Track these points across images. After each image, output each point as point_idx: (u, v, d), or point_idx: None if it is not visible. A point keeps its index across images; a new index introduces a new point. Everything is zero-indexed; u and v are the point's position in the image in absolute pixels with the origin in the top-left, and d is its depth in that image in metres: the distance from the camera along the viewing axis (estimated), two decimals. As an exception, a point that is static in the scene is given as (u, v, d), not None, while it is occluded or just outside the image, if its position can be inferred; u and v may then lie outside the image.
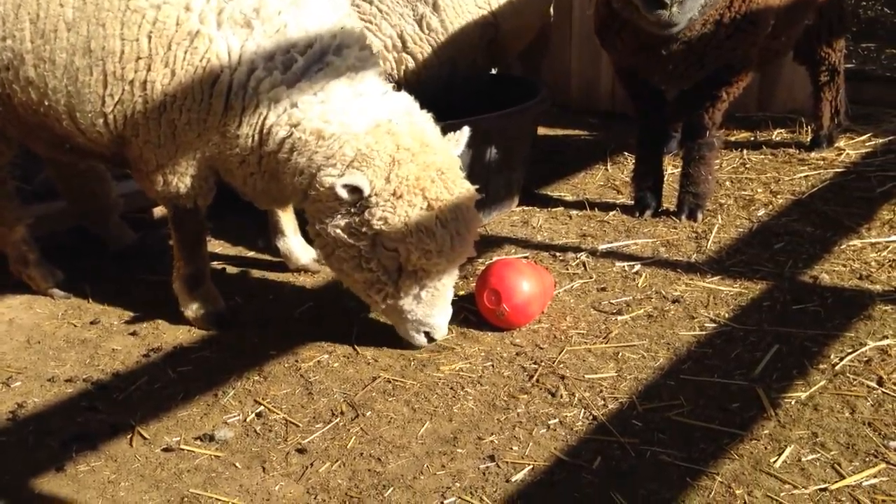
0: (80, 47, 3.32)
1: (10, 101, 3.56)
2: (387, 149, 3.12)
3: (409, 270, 3.23)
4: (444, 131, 3.40)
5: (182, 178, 3.47)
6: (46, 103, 3.44)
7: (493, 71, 5.96)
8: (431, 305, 3.33)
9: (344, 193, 3.09)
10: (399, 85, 4.45)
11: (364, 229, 3.17)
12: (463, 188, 3.23)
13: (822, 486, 2.59)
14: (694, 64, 4.26)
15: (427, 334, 3.41)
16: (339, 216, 3.20)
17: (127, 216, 4.67)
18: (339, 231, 3.20)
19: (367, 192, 3.09)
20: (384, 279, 3.26)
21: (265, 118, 3.26)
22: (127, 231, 4.58)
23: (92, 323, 3.86)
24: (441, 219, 3.14)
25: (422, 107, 3.38)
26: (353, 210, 3.16)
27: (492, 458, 2.81)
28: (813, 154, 5.43)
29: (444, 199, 3.15)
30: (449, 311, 3.42)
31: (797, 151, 5.51)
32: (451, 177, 3.20)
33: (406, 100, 3.36)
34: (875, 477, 2.61)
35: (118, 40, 3.28)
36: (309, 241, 4.12)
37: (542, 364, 3.34)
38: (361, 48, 3.41)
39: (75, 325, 3.85)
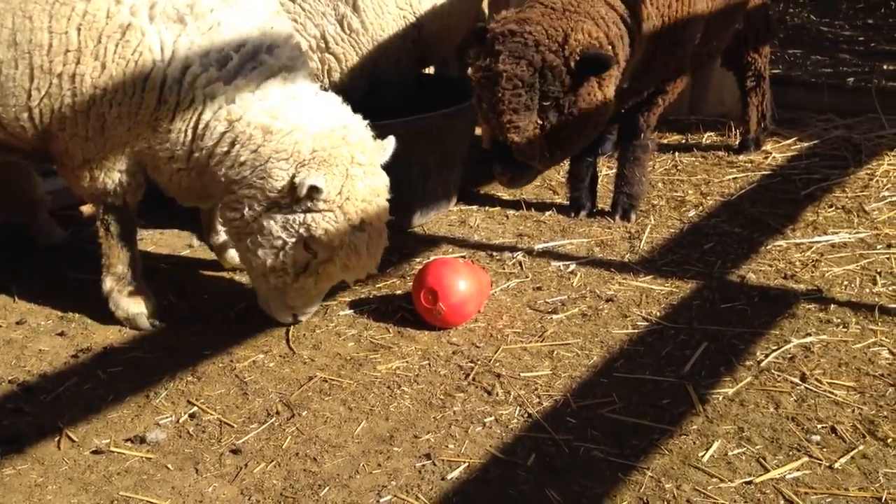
0: (4, 40, 3.23)
1: None
2: (343, 158, 3.19)
3: (315, 271, 3.31)
4: (383, 132, 3.42)
5: (109, 174, 3.41)
6: None
7: (430, 71, 5.97)
8: (312, 298, 3.51)
9: (304, 190, 3.11)
10: (334, 90, 4.44)
11: (300, 229, 3.20)
12: (387, 215, 3.37)
13: (748, 479, 2.67)
14: (632, 94, 4.38)
15: (295, 316, 3.57)
16: (275, 209, 3.22)
17: (56, 213, 4.55)
18: (271, 223, 3.22)
19: (324, 194, 3.13)
20: (289, 270, 3.31)
21: (200, 114, 3.25)
22: (56, 228, 4.46)
23: (18, 323, 3.75)
24: (368, 242, 3.26)
25: (353, 109, 3.43)
26: (295, 208, 3.18)
27: (428, 456, 2.82)
28: (741, 157, 5.58)
29: (374, 224, 3.27)
30: (319, 302, 3.62)
31: (726, 154, 5.66)
32: (382, 202, 3.32)
33: (345, 109, 3.40)
34: (798, 470, 2.71)
35: (46, 33, 3.20)
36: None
37: (479, 363, 3.36)
38: (292, 48, 3.43)
39: (0, 326, 3.73)
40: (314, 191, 3.12)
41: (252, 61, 3.29)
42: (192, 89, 3.22)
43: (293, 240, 3.23)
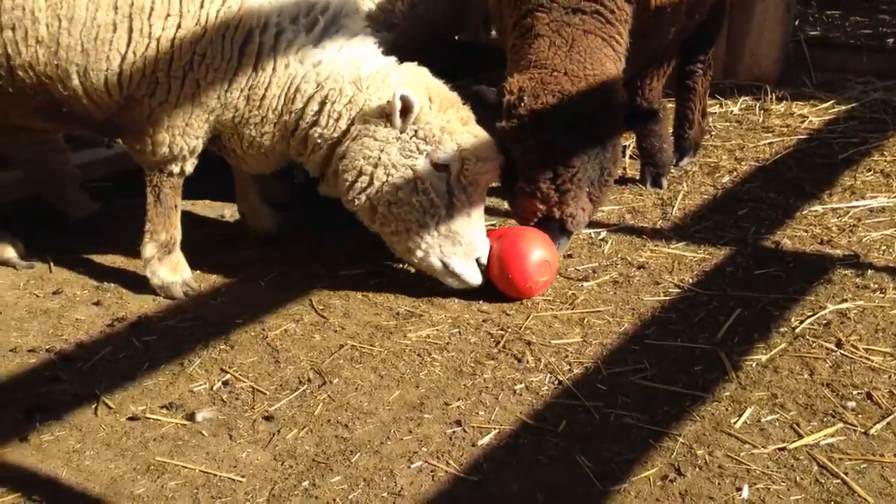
0: (104, 3, 3.25)
1: (6, 63, 3.42)
2: (422, 79, 3.48)
3: (461, 185, 3.41)
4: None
5: (187, 140, 3.48)
6: (55, 63, 3.32)
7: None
8: (476, 226, 3.50)
9: (397, 100, 3.27)
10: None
11: (420, 144, 3.38)
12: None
13: (781, 445, 2.65)
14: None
15: (478, 261, 3.52)
16: (391, 141, 3.37)
17: (88, 185, 4.60)
18: (391, 155, 3.37)
19: (416, 107, 3.31)
20: (436, 201, 3.41)
21: (294, 77, 3.38)
22: (87, 201, 4.50)
23: (55, 293, 3.80)
24: (477, 133, 3.46)
25: None
26: (403, 135, 3.37)
27: (458, 423, 2.83)
28: (777, 121, 5.47)
29: (468, 118, 3.51)
30: (483, 233, 3.57)
31: (761, 119, 5.56)
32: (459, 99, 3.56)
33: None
34: (832, 436, 2.68)
35: None
36: (275, 207, 4.11)
37: (509, 330, 3.36)
38: (359, 16, 3.61)
39: (38, 296, 3.79)
40: (408, 104, 3.29)
41: (335, 24, 3.45)
42: (286, 54, 3.35)
43: (420, 161, 3.37)
